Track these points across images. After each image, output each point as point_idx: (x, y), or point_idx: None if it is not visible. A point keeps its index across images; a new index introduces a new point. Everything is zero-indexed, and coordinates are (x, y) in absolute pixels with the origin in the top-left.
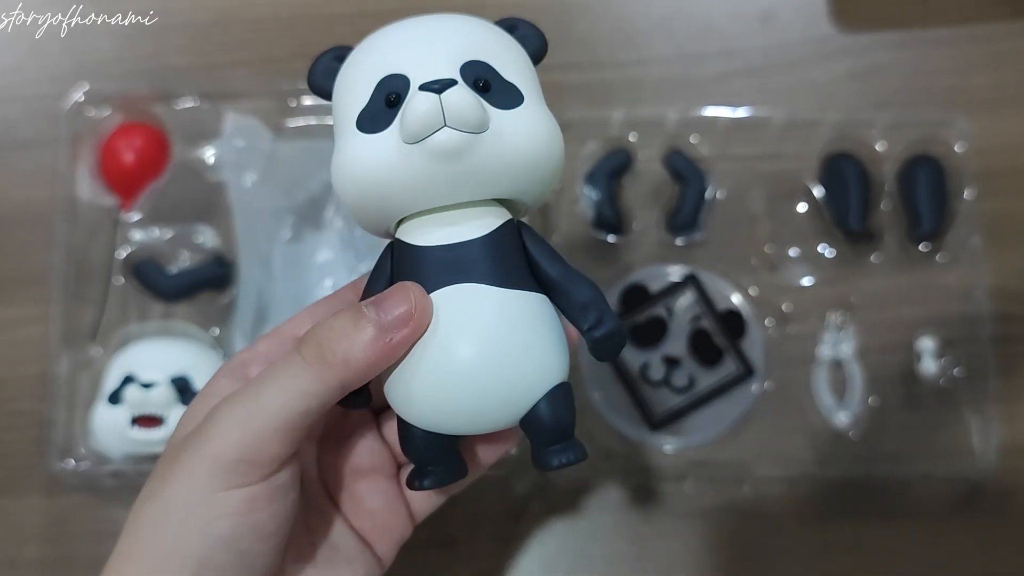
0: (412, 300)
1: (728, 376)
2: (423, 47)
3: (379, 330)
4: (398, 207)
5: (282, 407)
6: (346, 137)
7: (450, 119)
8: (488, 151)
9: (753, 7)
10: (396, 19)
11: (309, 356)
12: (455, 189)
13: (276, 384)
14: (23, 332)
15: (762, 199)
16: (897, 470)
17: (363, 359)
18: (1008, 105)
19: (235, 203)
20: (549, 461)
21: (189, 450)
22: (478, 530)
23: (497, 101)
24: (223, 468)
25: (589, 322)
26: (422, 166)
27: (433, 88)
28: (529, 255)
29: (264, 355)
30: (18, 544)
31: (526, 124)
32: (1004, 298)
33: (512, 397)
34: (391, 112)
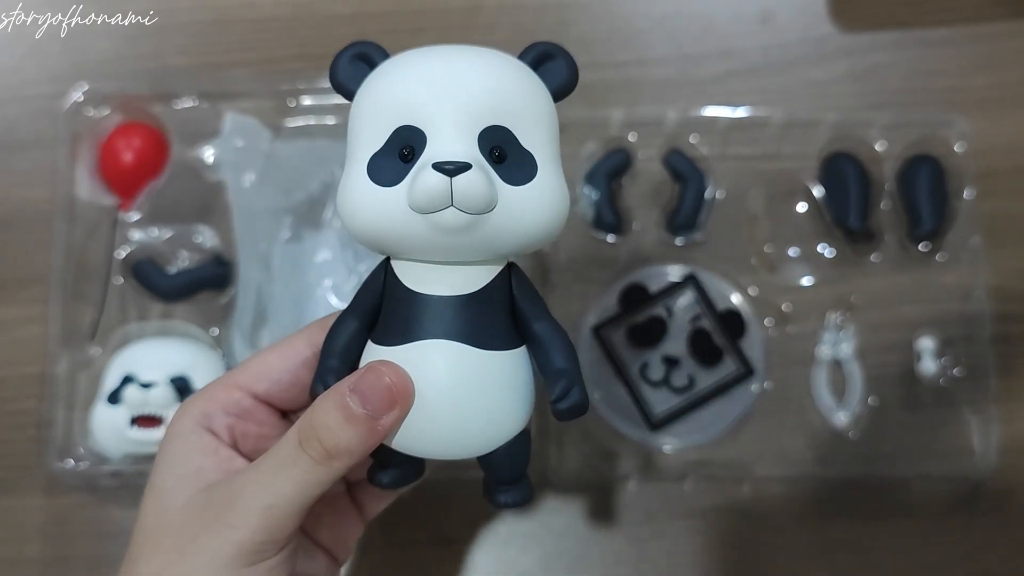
0: (392, 385)
1: (728, 376)
2: (447, 103)
3: (369, 419)
4: (398, 252)
5: (298, 497)
6: (356, 175)
7: (458, 202)
8: (493, 227)
9: (753, 7)
10: (395, 20)
11: (315, 455)
12: (455, 254)
13: (291, 480)
14: (22, 332)
15: (762, 199)
16: (897, 470)
17: (362, 448)
18: (1008, 105)
19: (234, 203)
20: (497, 499)
21: (211, 531)
22: (476, 530)
23: (510, 175)
24: (248, 549)
25: (557, 393)
26: (425, 233)
27: (446, 170)
28: (515, 305)
29: (223, 407)
30: (18, 543)
31: (535, 201)
32: (1004, 298)
33: (473, 442)
34: (402, 168)
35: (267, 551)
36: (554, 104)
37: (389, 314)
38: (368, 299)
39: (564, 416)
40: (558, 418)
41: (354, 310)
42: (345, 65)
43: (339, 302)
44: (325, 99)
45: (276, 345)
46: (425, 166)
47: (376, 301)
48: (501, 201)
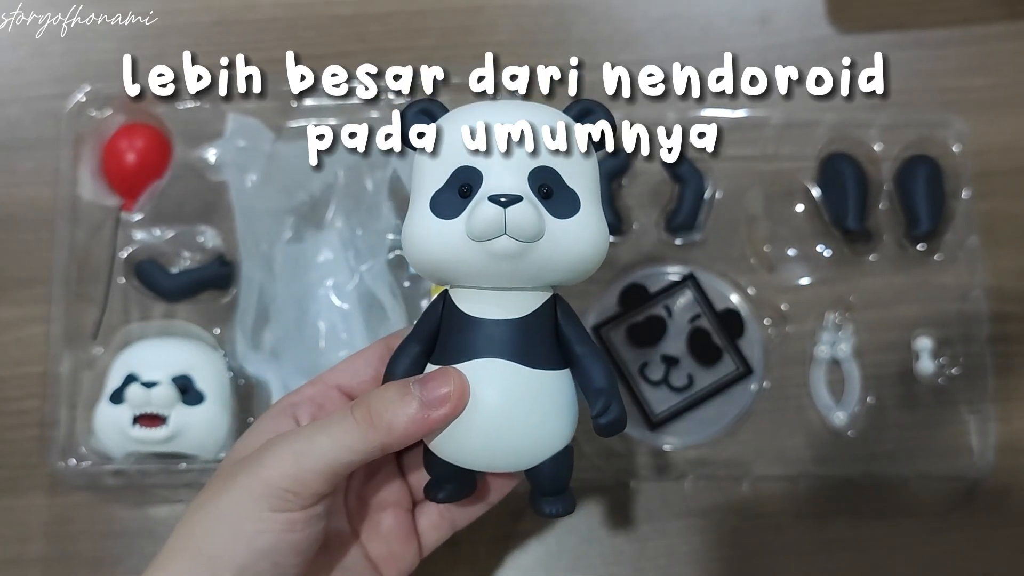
0: (452, 384)
1: (727, 375)
2: (501, 146)
3: (421, 406)
4: (456, 280)
5: (329, 454)
6: (419, 211)
7: (511, 231)
8: (541, 255)
9: (751, 9)
10: (396, 21)
11: (359, 417)
12: (507, 279)
13: (328, 434)
14: (25, 331)
15: (760, 199)
16: (895, 469)
17: (403, 428)
18: (1005, 106)
19: (236, 203)
20: (542, 509)
21: (247, 471)
22: (479, 529)
23: (556, 209)
24: (273, 493)
25: (597, 408)
26: (480, 260)
27: (500, 201)
28: (560, 331)
29: (310, 398)
30: (20, 543)
31: (578, 233)
32: (1001, 298)
33: (521, 454)
34: (461, 203)
35: (290, 502)
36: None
37: (447, 337)
38: (428, 326)
39: (604, 430)
40: (599, 433)
41: (415, 336)
42: (411, 119)
43: (341, 302)
44: (327, 100)
45: (361, 351)
46: (482, 199)
47: (435, 327)
48: (548, 232)
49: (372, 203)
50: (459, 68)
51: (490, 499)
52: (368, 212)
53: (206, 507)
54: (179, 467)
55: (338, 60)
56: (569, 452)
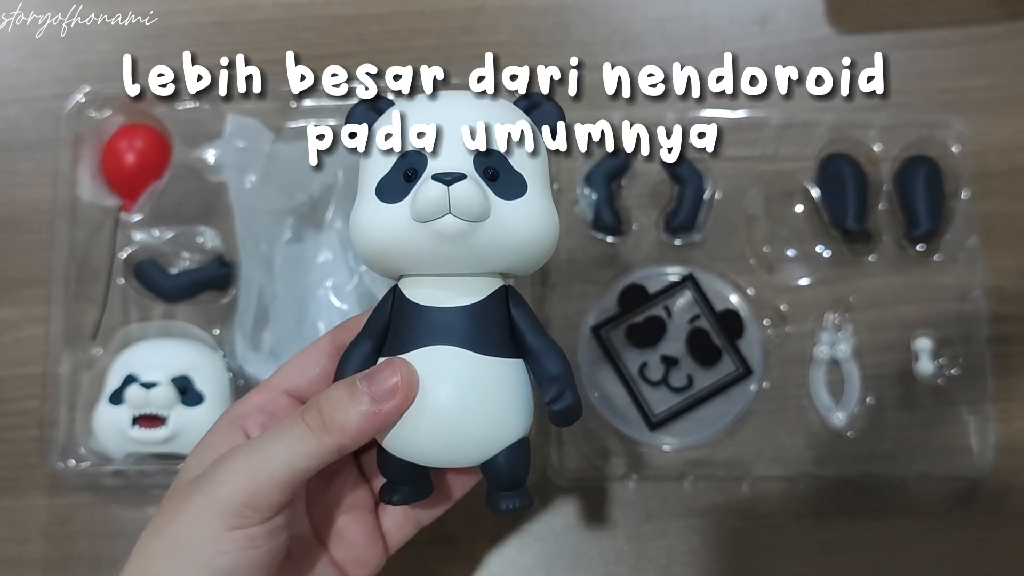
0: (399, 374)
1: (726, 376)
2: (446, 133)
3: (371, 401)
4: (403, 268)
5: (285, 464)
6: (365, 198)
7: (455, 209)
8: (487, 236)
9: (751, 9)
10: (396, 21)
11: (311, 423)
12: (455, 263)
13: (281, 443)
14: (25, 332)
15: (760, 200)
16: (894, 469)
17: (357, 427)
18: (1004, 106)
19: (236, 204)
20: (498, 504)
21: (200, 491)
22: (478, 528)
23: (502, 191)
24: (230, 510)
25: (551, 395)
26: (426, 242)
27: (444, 180)
28: (512, 320)
29: (258, 407)
30: (20, 543)
31: (525, 215)
32: (1000, 298)
33: (475, 445)
34: (406, 187)
35: (248, 518)
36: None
37: (397, 328)
38: (378, 320)
39: (559, 418)
40: (554, 421)
41: (365, 332)
42: (359, 114)
43: (340, 303)
44: (326, 101)
45: (305, 348)
46: (426, 179)
47: (386, 322)
48: (494, 213)
49: None
50: (459, 68)
51: (453, 495)
52: None
53: (161, 532)
54: (178, 468)
55: (338, 60)
56: (525, 444)
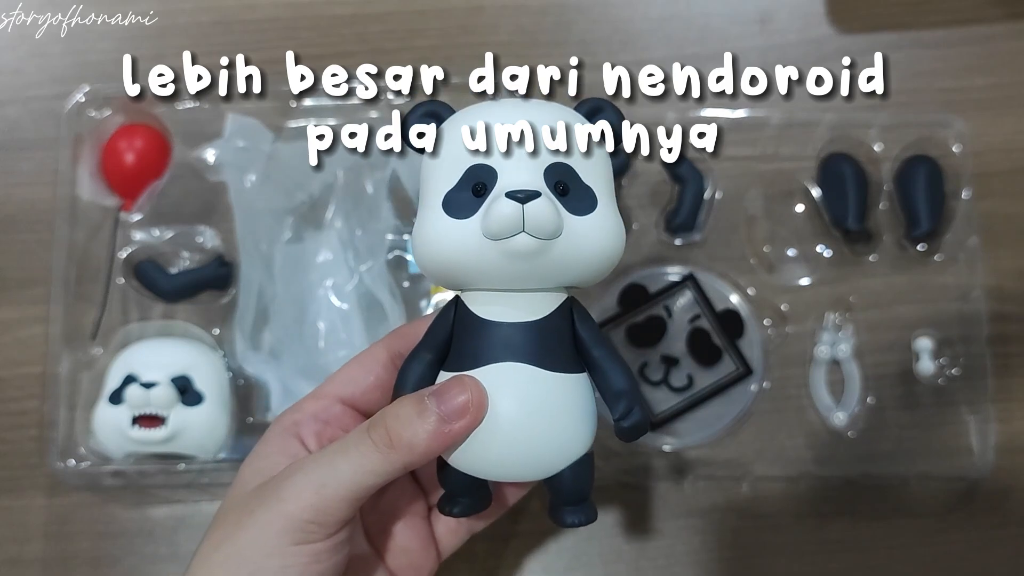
0: (469, 393)
1: (726, 376)
2: (514, 143)
3: (440, 421)
4: (471, 283)
5: (352, 481)
6: (431, 212)
7: (529, 227)
8: (559, 254)
9: (751, 9)
10: (396, 21)
11: (378, 440)
12: (523, 280)
13: (348, 460)
14: (24, 332)
15: (760, 199)
16: (895, 469)
17: (425, 446)
18: (1005, 106)
19: (236, 204)
20: (563, 519)
21: (265, 505)
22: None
23: (573, 206)
24: (296, 526)
25: (620, 412)
26: (497, 260)
27: (518, 197)
28: (576, 334)
29: (312, 415)
30: (20, 543)
31: (596, 231)
32: (1001, 298)
33: (541, 462)
34: (476, 202)
35: (314, 533)
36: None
37: (460, 343)
38: (440, 332)
39: (627, 433)
40: (622, 437)
41: (426, 344)
42: (416, 121)
43: (340, 303)
44: (326, 100)
45: (357, 356)
46: (499, 196)
47: (447, 334)
48: (566, 229)
49: (372, 203)
50: (459, 68)
51: (508, 502)
52: (368, 212)
53: (224, 546)
54: (178, 468)
55: (338, 60)
56: (589, 459)
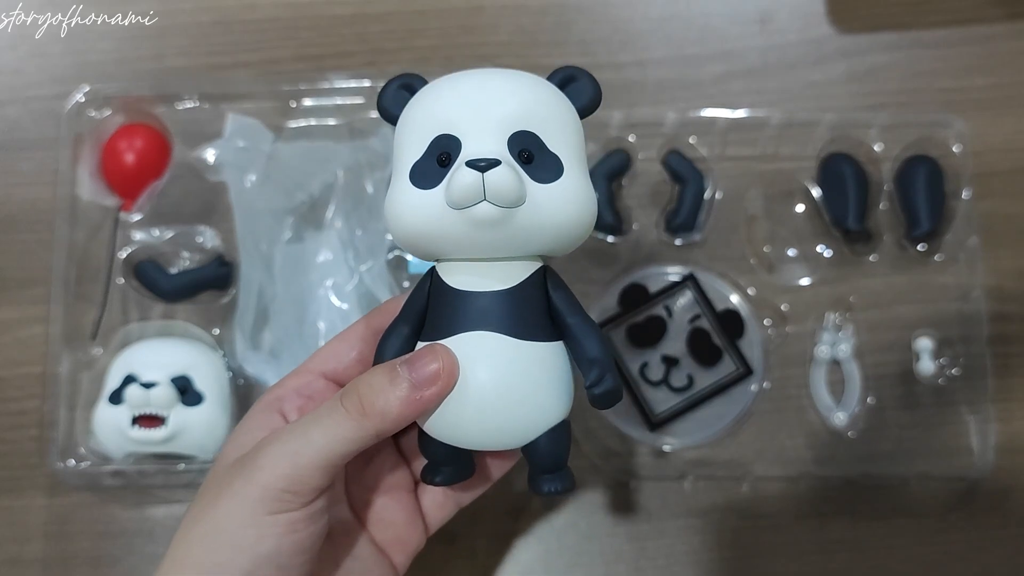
0: (440, 360)
1: (727, 376)
2: (478, 111)
3: (411, 387)
4: (440, 253)
5: (325, 448)
6: (399, 183)
7: (490, 195)
8: (523, 221)
9: (751, 9)
10: (397, 21)
11: (350, 408)
12: (491, 248)
13: (321, 428)
14: (24, 332)
15: (760, 199)
16: (895, 469)
17: (397, 412)
18: (1005, 106)
19: (236, 203)
20: (540, 487)
21: (241, 477)
22: (478, 527)
23: (537, 174)
24: (271, 495)
25: (591, 378)
26: (462, 228)
27: (478, 166)
28: (551, 302)
29: (295, 390)
30: (20, 543)
31: (562, 198)
32: (1001, 298)
33: (516, 429)
34: (441, 172)
35: (289, 502)
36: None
37: (435, 313)
38: (416, 304)
39: (600, 400)
40: (594, 403)
41: (403, 316)
42: (391, 94)
43: (340, 302)
44: (326, 100)
45: (341, 333)
46: (460, 165)
47: (423, 305)
48: (530, 197)
49: (372, 203)
50: (459, 68)
51: (492, 476)
52: (368, 212)
53: (203, 519)
54: (178, 468)
55: (338, 60)
56: (566, 427)
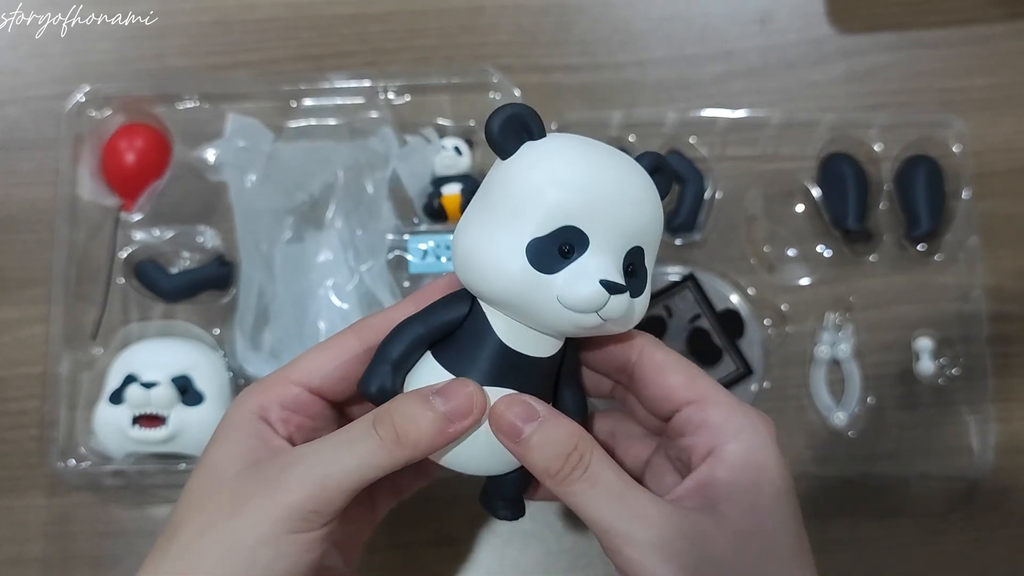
0: (473, 399)
1: (727, 375)
2: (612, 218)
3: (445, 420)
4: (508, 313)
5: (356, 473)
6: (512, 247)
7: (604, 314)
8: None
9: (751, 9)
10: (397, 21)
11: (384, 435)
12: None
13: (353, 453)
14: (25, 332)
15: (760, 199)
16: (895, 469)
17: (429, 443)
18: (1005, 106)
19: (236, 203)
20: (497, 511)
21: (265, 493)
22: (478, 529)
23: (632, 289)
24: (296, 516)
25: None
26: (556, 318)
27: (608, 287)
28: (561, 366)
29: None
30: (20, 543)
31: (638, 310)
32: (1001, 298)
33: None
34: (560, 261)
35: (313, 522)
36: None
37: (471, 350)
38: (443, 318)
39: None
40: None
41: (425, 320)
42: (502, 123)
43: (340, 302)
44: (327, 100)
45: (327, 342)
46: (592, 276)
47: (451, 326)
48: None
49: (372, 203)
50: (459, 68)
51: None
52: (368, 212)
53: (214, 532)
54: (178, 467)
55: (338, 60)
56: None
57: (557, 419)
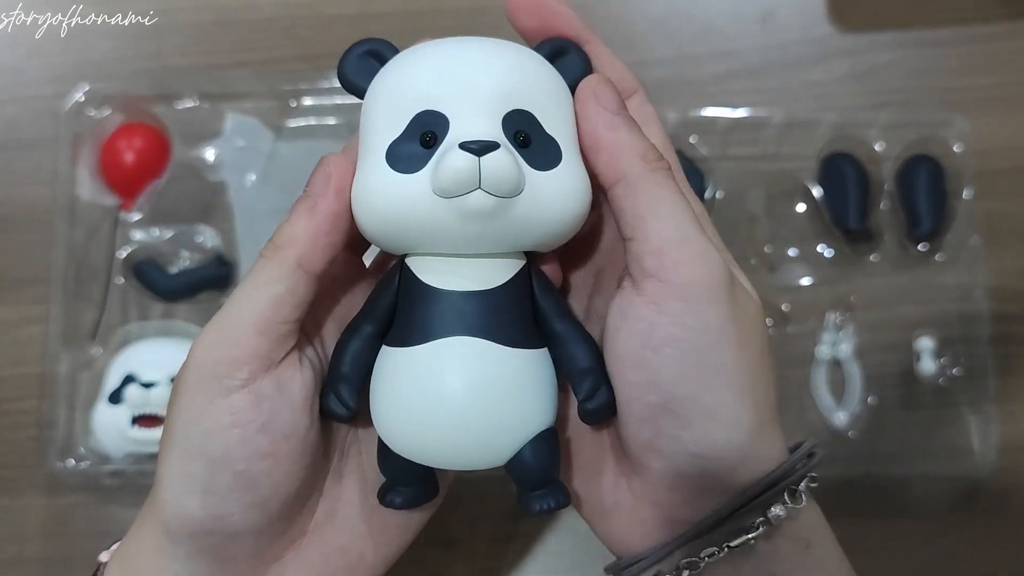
0: (325, 167)
1: None
2: (467, 86)
3: (307, 201)
4: (416, 246)
5: (251, 300)
6: (373, 165)
7: (486, 183)
8: (519, 213)
9: (752, 8)
10: (398, 21)
11: (266, 252)
12: (478, 243)
13: (245, 286)
14: (24, 332)
15: (761, 199)
16: (896, 469)
17: (304, 232)
18: (1006, 105)
19: (235, 203)
20: (531, 506)
21: (183, 366)
22: (478, 529)
23: (535, 160)
24: (206, 373)
25: (585, 392)
26: (449, 220)
27: (472, 149)
28: (536, 304)
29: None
30: (19, 543)
31: (561, 187)
32: (1002, 298)
33: (496, 441)
34: (425, 154)
35: (226, 376)
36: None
37: (406, 314)
38: (382, 301)
39: (592, 416)
40: (586, 419)
41: (367, 314)
42: (354, 62)
43: None
44: (326, 99)
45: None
46: (451, 147)
47: (391, 303)
48: (527, 187)
49: None
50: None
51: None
52: None
53: (174, 443)
54: None
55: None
56: (552, 436)
57: None
